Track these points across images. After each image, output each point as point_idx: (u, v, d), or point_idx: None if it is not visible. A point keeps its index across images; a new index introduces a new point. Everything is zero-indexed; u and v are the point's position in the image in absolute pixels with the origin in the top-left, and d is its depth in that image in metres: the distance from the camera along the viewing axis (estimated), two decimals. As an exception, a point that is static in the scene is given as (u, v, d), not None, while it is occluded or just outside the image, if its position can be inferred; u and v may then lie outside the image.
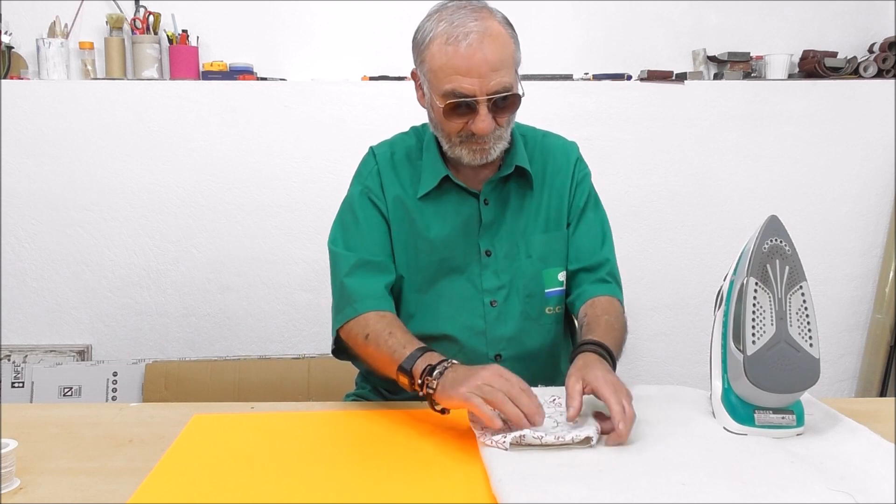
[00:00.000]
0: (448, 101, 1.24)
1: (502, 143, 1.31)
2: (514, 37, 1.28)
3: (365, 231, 1.37)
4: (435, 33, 1.24)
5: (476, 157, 1.29)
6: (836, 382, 2.69)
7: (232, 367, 2.40)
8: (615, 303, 1.36)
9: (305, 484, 0.96)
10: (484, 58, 1.21)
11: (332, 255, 1.39)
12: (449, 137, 1.30)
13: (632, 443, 1.04)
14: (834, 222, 2.62)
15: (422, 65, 1.29)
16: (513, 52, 1.26)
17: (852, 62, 2.54)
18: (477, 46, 1.21)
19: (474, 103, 1.23)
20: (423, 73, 1.29)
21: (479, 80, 1.21)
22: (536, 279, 1.39)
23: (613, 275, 1.41)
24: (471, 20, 1.23)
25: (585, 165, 1.46)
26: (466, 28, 1.22)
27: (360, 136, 1.62)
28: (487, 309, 1.37)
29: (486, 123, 1.24)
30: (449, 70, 1.22)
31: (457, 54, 1.21)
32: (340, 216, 1.42)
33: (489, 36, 1.22)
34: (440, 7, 1.28)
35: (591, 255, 1.40)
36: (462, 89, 1.22)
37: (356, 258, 1.34)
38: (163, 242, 2.49)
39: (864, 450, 1.01)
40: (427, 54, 1.26)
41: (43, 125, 2.42)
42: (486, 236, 1.37)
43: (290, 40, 2.53)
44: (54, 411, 1.25)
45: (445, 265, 1.37)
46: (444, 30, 1.23)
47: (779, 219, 1.08)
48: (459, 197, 1.37)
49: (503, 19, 1.28)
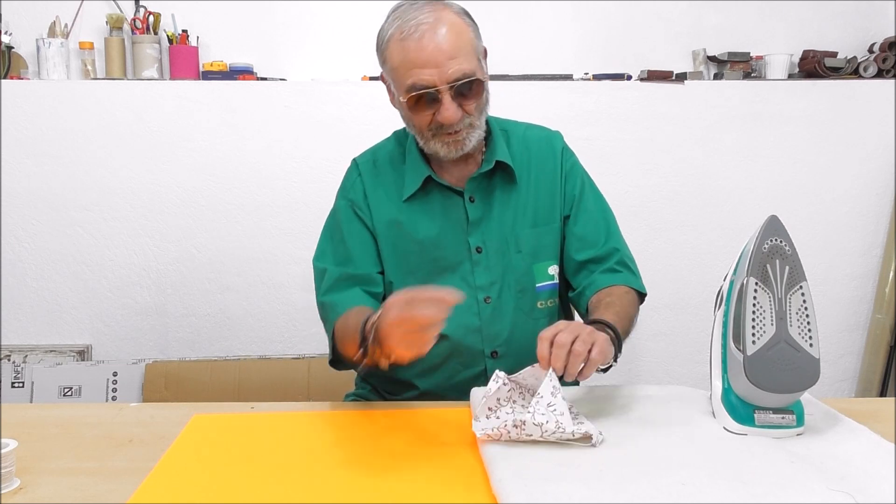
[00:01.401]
0: (410, 94, 1.24)
1: (476, 133, 1.30)
2: (471, 25, 1.28)
3: (350, 246, 1.38)
4: (391, 32, 1.25)
5: (451, 149, 1.29)
6: (836, 382, 2.69)
7: (232, 367, 2.40)
8: (630, 293, 1.34)
9: (305, 484, 0.96)
10: (438, 47, 1.21)
11: (315, 273, 1.40)
12: (421, 132, 1.30)
13: (632, 443, 1.03)
14: (834, 222, 2.62)
15: (384, 65, 1.30)
16: (471, 39, 1.26)
17: (852, 62, 2.54)
18: (430, 37, 1.21)
19: (436, 93, 1.23)
20: (388, 74, 1.30)
21: (437, 70, 1.22)
22: (527, 274, 1.38)
23: (625, 263, 1.39)
24: (423, 14, 1.23)
25: (572, 153, 1.45)
26: (418, 21, 1.22)
27: (360, 136, 1.62)
28: (482, 306, 1.37)
29: (450, 112, 1.24)
30: (407, 65, 1.23)
31: (411, 47, 1.22)
32: (325, 232, 1.43)
33: (441, 25, 1.22)
34: (396, 7, 1.29)
35: (597, 245, 1.38)
36: (422, 81, 1.22)
37: (335, 274, 1.36)
38: (163, 242, 2.49)
39: (864, 450, 1.01)
40: (387, 54, 1.27)
41: (43, 125, 2.42)
42: (475, 233, 1.37)
43: (290, 40, 2.53)
44: (54, 411, 1.25)
45: (437, 265, 1.37)
46: (398, 27, 1.24)
47: (779, 219, 1.08)
48: (444, 196, 1.37)
49: (459, 10, 1.28)
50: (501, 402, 1.08)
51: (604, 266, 1.37)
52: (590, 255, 1.38)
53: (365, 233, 1.38)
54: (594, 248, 1.38)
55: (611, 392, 1.24)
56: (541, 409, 1.02)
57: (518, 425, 1.02)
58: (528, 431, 1.01)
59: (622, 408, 1.17)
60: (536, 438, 1.02)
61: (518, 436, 1.02)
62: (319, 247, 1.43)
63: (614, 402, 1.19)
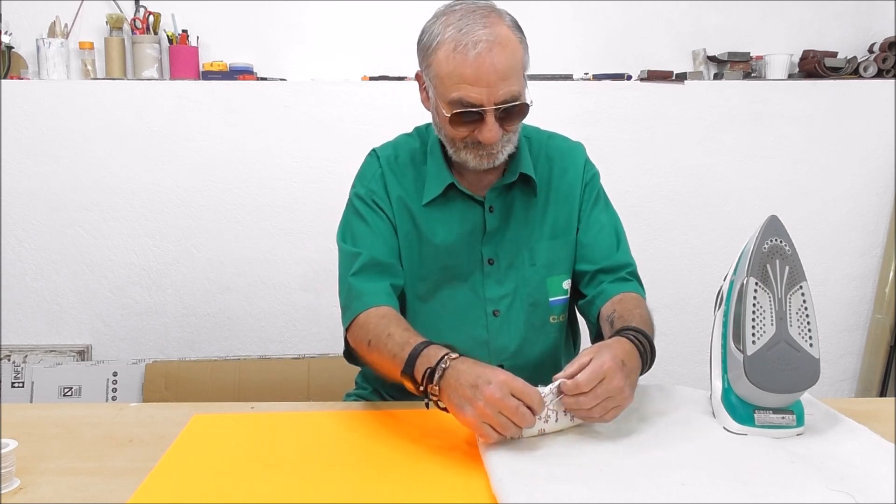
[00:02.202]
0: (455, 109, 1.21)
1: (510, 147, 1.29)
2: (522, 41, 1.25)
3: (373, 232, 1.34)
4: (442, 38, 1.21)
5: (483, 161, 1.27)
6: (836, 382, 2.69)
7: (232, 367, 2.40)
8: (642, 301, 1.33)
9: (305, 484, 0.96)
10: (493, 67, 1.18)
11: (341, 253, 1.36)
12: (454, 143, 1.28)
13: (632, 443, 1.04)
14: (834, 222, 2.62)
15: (428, 69, 1.26)
16: (521, 59, 1.24)
17: (852, 62, 2.54)
18: (486, 55, 1.18)
19: (482, 112, 1.21)
20: (429, 78, 1.26)
21: (488, 90, 1.19)
22: (541, 287, 1.37)
23: (635, 275, 1.38)
24: (480, 27, 1.19)
25: (593, 166, 1.44)
26: (475, 36, 1.18)
27: (360, 136, 1.62)
28: (490, 319, 1.35)
29: (493, 133, 1.21)
30: (456, 78, 1.19)
31: (465, 63, 1.18)
32: (348, 214, 1.39)
33: (498, 44, 1.19)
34: (448, 9, 1.24)
35: (607, 258, 1.37)
36: (469, 98, 1.19)
37: (367, 257, 1.31)
38: (163, 242, 2.49)
39: (864, 450, 1.01)
40: (434, 60, 1.23)
41: (43, 125, 2.42)
42: (489, 244, 1.35)
43: (290, 40, 2.53)
44: (54, 411, 1.25)
45: (448, 273, 1.35)
46: (451, 36, 1.20)
47: (779, 219, 1.08)
48: (465, 204, 1.35)
49: (512, 23, 1.24)
50: None
51: (614, 276, 1.36)
52: (598, 267, 1.36)
53: (388, 224, 1.35)
54: (603, 260, 1.37)
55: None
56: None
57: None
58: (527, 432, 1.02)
59: (622, 408, 1.16)
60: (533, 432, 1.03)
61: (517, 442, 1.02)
62: (344, 227, 1.38)
63: (614, 402, 1.19)
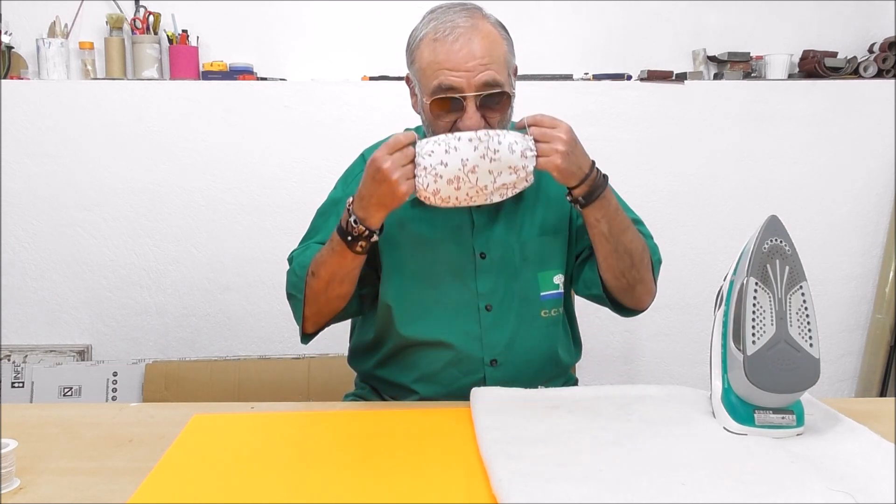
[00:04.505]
0: (435, 96, 1.22)
1: None
2: (506, 38, 1.26)
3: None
4: (424, 33, 1.25)
5: None
6: (836, 382, 2.69)
7: (232, 367, 2.40)
8: (647, 249, 1.38)
9: (305, 484, 0.96)
10: (471, 52, 1.20)
11: (292, 255, 1.39)
12: None
13: (632, 443, 1.03)
14: (834, 222, 2.62)
15: (412, 66, 1.29)
16: (504, 52, 1.25)
17: (852, 62, 2.54)
18: (464, 41, 1.20)
19: (462, 100, 1.21)
20: (414, 75, 1.29)
21: (466, 74, 1.20)
22: (531, 282, 1.37)
23: (644, 233, 1.40)
24: (461, 18, 1.22)
25: None
26: (455, 24, 1.22)
27: (360, 136, 1.61)
28: (482, 314, 1.35)
29: (473, 121, 1.21)
30: (436, 65, 1.22)
31: (444, 48, 1.21)
32: (315, 216, 1.43)
33: (477, 32, 1.21)
34: (433, 9, 1.28)
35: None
36: (449, 82, 1.20)
37: (315, 241, 1.35)
38: (163, 242, 2.49)
39: (864, 450, 1.01)
40: (417, 54, 1.26)
41: (43, 125, 2.42)
42: (479, 239, 1.36)
43: (290, 40, 2.53)
44: (54, 411, 1.25)
45: (439, 269, 1.35)
46: (432, 27, 1.23)
47: (779, 219, 1.08)
48: None
49: (496, 22, 1.27)
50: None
51: None
52: None
53: None
54: None
55: (611, 392, 1.24)
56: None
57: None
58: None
59: (622, 408, 1.16)
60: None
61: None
62: (308, 230, 1.43)
63: (614, 402, 1.19)
